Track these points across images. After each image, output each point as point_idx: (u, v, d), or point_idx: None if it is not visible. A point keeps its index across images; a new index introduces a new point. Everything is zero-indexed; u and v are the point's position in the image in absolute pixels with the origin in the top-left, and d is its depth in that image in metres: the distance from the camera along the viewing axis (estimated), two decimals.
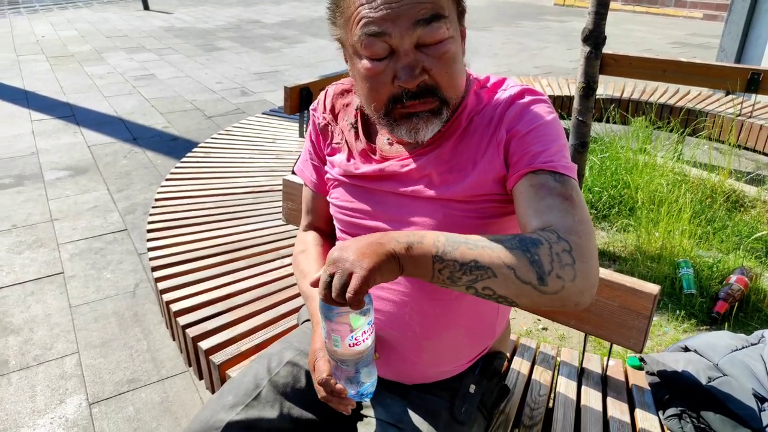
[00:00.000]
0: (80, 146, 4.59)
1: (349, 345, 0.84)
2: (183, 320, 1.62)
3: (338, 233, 1.14)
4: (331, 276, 0.77)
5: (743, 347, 1.42)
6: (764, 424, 1.24)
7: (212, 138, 3.19)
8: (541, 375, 1.46)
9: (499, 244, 0.77)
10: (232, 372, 1.45)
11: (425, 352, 1.03)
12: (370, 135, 1.07)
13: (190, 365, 1.66)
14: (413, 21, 0.84)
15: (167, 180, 2.60)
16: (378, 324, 1.03)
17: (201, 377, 1.62)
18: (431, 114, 0.91)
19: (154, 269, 1.88)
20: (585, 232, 0.80)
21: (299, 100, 3.15)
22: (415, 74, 0.87)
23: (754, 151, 3.71)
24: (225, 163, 2.84)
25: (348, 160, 1.07)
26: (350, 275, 0.75)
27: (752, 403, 1.27)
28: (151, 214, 2.26)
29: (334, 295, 0.75)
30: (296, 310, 1.69)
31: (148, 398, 2.04)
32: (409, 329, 1.02)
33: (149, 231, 2.13)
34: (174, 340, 1.78)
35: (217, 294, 1.75)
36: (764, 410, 1.26)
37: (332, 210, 1.13)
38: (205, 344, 1.53)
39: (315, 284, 0.82)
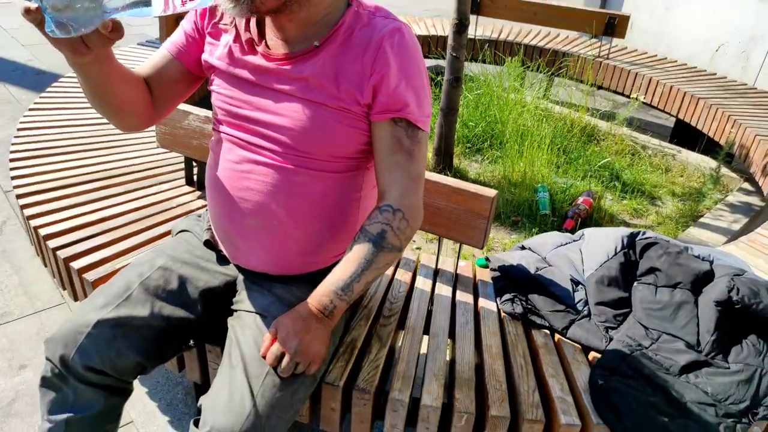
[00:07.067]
0: None
1: None
2: (53, 243, 1.61)
3: (217, 119, 1.17)
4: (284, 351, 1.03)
5: (567, 243, 1.69)
6: (576, 300, 1.50)
7: None
8: (402, 276, 1.64)
9: (367, 259, 1.04)
10: None
11: (290, 240, 1.14)
12: (261, 30, 1.11)
13: (64, 288, 1.67)
14: None
15: (31, 110, 2.45)
16: (248, 212, 1.12)
17: (76, 298, 1.63)
18: None
19: (19, 197, 1.82)
20: (415, 188, 1.08)
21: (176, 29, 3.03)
22: None
23: (608, 90, 4.13)
24: None
25: (234, 41, 1.11)
26: (309, 362, 1.05)
27: (569, 286, 1.53)
28: (13, 144, 2.14)
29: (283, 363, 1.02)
30: None
31: (23, 330, 2.01)
32: (276, 218, 1.11)
33: (12, 160, 2.03)
34: (46, 266, 1.76)
35: (90, 218, 1.74)
36: (577, 290, 1.53)
37: (213, 98, 1.16)
38: (77, 264, 1.54)
39: None
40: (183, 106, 1.82)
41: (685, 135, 3.95)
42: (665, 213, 3.08)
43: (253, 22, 1.10)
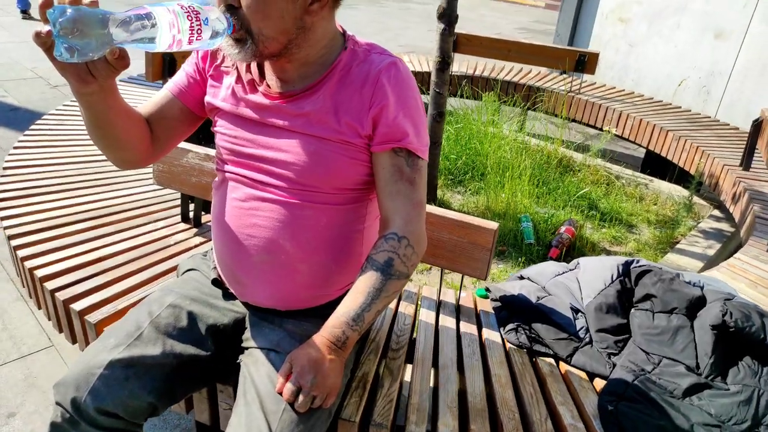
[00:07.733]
0: None
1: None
2: (51, 285, 1.58)
3: (221, 159, 1.20)
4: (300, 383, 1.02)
5: (564, 272, 1.74)
6: (577, 328, 1.54)
7: (64, 105, 2.98)
8: (406, 309, 1.66)
9: (377, 288, 1.05)
10: None
11: (297, 273, 1.16)
12: (262, 71, 1.15)
13: (60, 331, 1.63)
14: None
15: (15, 148, 2.41)
16: (255, 249, 1.14)
17: (74, 341, 1.59)
18: (235, 41, 1.01)
19: (11, 237, 1.78)
20: (418, 215, 1.11)
21: (162, 66, 3.05)
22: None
23: (580, 123, 4.30)
24: (81, 131, 2.68)
25: (236, 83, 1.14)
26: (326, 395, 1.04)
27: (569, 314, 1.58)
28: (1, 184, 2.10)
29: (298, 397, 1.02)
30: (175, 268, 1.71)
31: (8, 376, 1.94)
32: (283, 253, 1.13)
33: (1, 200, 1.99)
34: (40, 308, 1.72)
35: (87, 258, 1.71)
36: (578, 318, 1.57)
37: (217, 139, 1.19)
38: (78, 306, 1.51)
39: None
40: (182, 144, 1.83)
41: (656, 165, 4.12)
42: (643, 240, 3.19)
43: (254, 64, 1.14)
